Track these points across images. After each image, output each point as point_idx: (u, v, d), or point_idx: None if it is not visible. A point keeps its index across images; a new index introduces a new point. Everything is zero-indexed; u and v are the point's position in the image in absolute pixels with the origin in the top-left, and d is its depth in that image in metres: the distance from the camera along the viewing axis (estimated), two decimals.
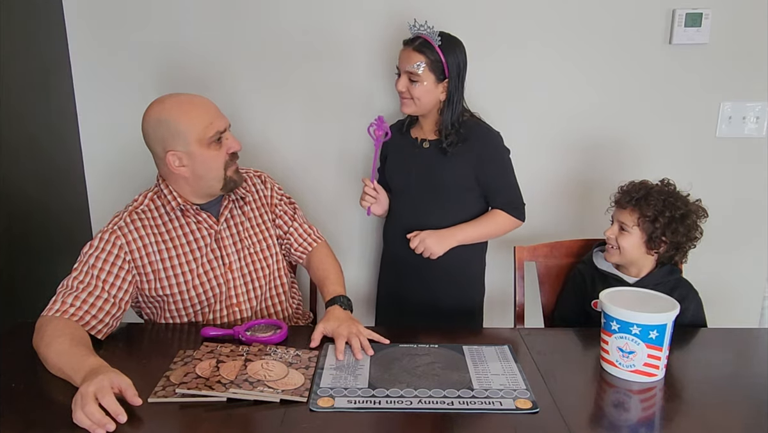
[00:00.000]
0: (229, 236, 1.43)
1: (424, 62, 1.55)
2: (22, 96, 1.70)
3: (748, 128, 1.93)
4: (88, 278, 1.28)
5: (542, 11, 1.85)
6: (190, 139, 1.31)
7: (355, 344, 1.23)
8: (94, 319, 1.25)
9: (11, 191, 1.63)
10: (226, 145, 1.36)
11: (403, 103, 1.62)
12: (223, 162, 1.36)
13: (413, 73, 1.56)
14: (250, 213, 1.49)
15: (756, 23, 1.85)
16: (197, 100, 1.36)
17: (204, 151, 1.33)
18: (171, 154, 1.32)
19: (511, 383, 1.13)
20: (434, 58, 1.55)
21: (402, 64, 1.58)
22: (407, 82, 1.58)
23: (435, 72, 1.56)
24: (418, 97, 1.58)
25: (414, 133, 1.71)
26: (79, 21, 1.87)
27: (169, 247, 1.37)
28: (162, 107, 1.33)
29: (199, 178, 1.36)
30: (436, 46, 1.54)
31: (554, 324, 1.67)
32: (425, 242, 1.58)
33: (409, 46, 1.57)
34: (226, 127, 1.37)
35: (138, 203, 1.41)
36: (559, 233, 1.96)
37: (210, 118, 1.33)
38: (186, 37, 1.88)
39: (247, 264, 1.45)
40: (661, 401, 1.11)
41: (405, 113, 1.65)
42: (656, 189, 1.45)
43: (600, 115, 1.94)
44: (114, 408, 0.97)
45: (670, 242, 1.42)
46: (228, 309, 1.43)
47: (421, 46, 1.55)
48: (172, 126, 1.30)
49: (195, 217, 1.40)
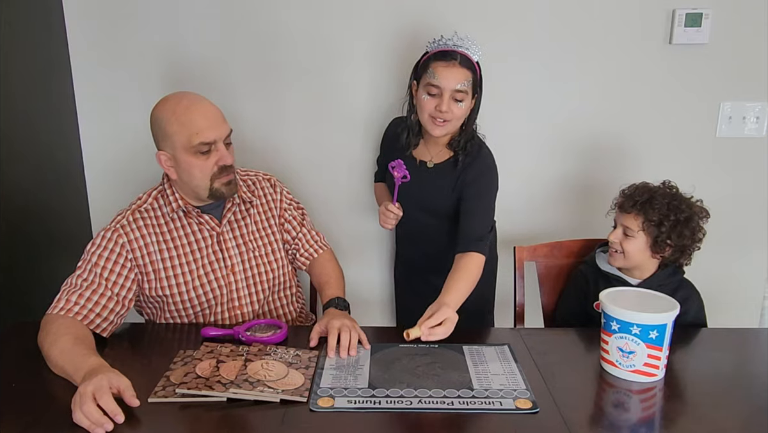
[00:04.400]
0: (232, 238, 1.43)
1: (471, 79, 1.44)
2: (22, 96, 1.70)
3: (748, 128, 1.93)
4: (91, 276, 1.28)
5: (542, 11, 1.85)
6: (175, 143, 1.30)
7: (344, 340, 1.23)
8: (99, 317, 1.25)
9: (11, 191, 1.63)
10: (215, 156, 1.32)
11: (438, 126, 1.46)
12: (209, 173, 1.32)
13: (461, 92, 1.43)
14: (256, 216, 1.48)
15: (756, 23, 1.85)
16: (197, 105, 1.31)
17: (188, 158, 1.30)
18: (161, 153, 1.33)
19: (511, 383, 1.13)
20: (474, 72, 1.46)
21: (446, 83, 1.42)
22: (452, 102, 1.43)
23: (474, 89, 1.47)
24: (459, 118, 1.46)
25: (417, 155, 1.60)
26: (79, 21, 1.87)
27: (170, 247, 1.37)
28: (162, 106, 1.33)
29: (183, 183, 1.36)
30: (475, 63, 1.45)
31: (555, 325, 1.67)
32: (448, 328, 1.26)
33: (452, 61, 1.42)
34: (219, 138, 1.31)
35: (141, 202, 1.40)
36: (559, 233, 1.96)
37: (200, 126, 1.28)
38: (187, 38, 1.88)
39: (251, 267, 1.44)
40: (661, 401, 1.11)
41: (435, 136, 1.50)
42: (660, 192, 1.43)
43: (600, 114, 1.94)
44: (111, 408, 0.97)
45: (676, 245, 1.41)
46: (229, 311, 1.42)
47: (466, 61, 1.44)
48: (163, 127, 1.30)
49: (197, 218, 1.40)
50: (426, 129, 1.51)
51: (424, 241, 1.67)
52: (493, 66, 1.87)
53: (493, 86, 1.89)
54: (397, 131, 1.63)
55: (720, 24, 1.83)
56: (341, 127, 1.96)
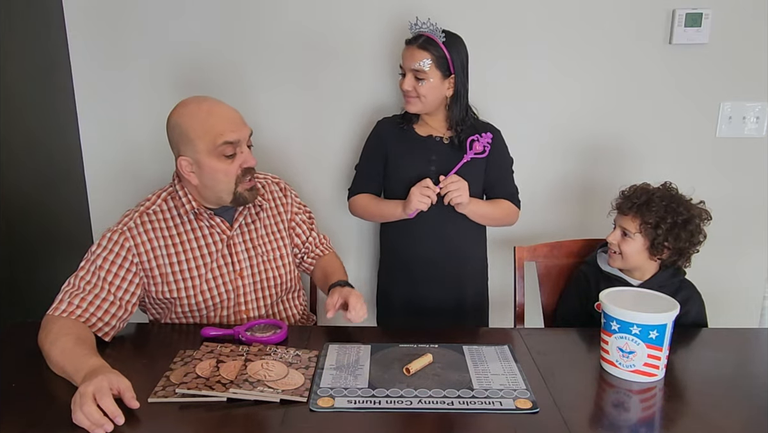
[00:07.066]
0: (242, 242, 1.41)
1: (430, 59, 1.55)
2: (22, 96, 1.70)
3: (748, 128, 1.93)
4: (94, 279, 1.27)
5: (542, 12, 1.86)
6: (199, 147, 1.28)
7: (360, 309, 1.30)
8: (100, 321, 1.24)
9: (11, 191, 1.63)
10: (239, 159, 1.31)
11: (408, 102, 1.62)
12: (234, 176, 1.31)
13: (419, 71, 1.56)
14: (265, 220, 1.47)
15: (756, 23, 1.85)
16: (217, 108, 1.30)
17: (213, 162, 1.29)
18: (182, 158, 1.30)
19: (511, 383, 1.13)
20: (439, 55, 1.56)
21: (407, 63, 1.58)
22: (413, 80, 1.58)
23: (441, 69, 1.57)
24: (425, 95, 1.58)
25: (420, 130, 1.68)
26: (79, 21, 1.87)
27: (179, 251, 1.35)
28: (182, 111, 1.30)
29: (206, 188, 1.33)
30: (440, 43, 1.55)
31: (556, 325, 1.66)
32: (463, 189, 1.54)
33: (413, 44, 1.57)
34: (242, 138, 1.31)
35: (150, 203, 1.38)
36: (559, 233, 1.96)
37: (224, 128, 1.28)
38: (186, 38, 1.88)
39: (259, 271, 1.43)
40: (661, 401, 1.11)
41: (410, 112, 1.65)
42: (658, 194, 1.42)
43: (600, 114, 1.94)
44: (112, 410, 0.97)
45: (673, 247, 1.41)
46: (236, 315, 1.42)
47: (426, 43, 1.55)
48: (185, 132, 1.28)
49: (208, 221, 1.38)
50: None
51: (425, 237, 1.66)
52: (493, 66, 1.88)
53: (493, 86, 1.90)
54: (391, 123, 1.72)
55: (720, 24, 1.83)
56: (341, 127, 1.97)
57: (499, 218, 1.70)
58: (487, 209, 1.67)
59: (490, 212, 1.67)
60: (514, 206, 1.71)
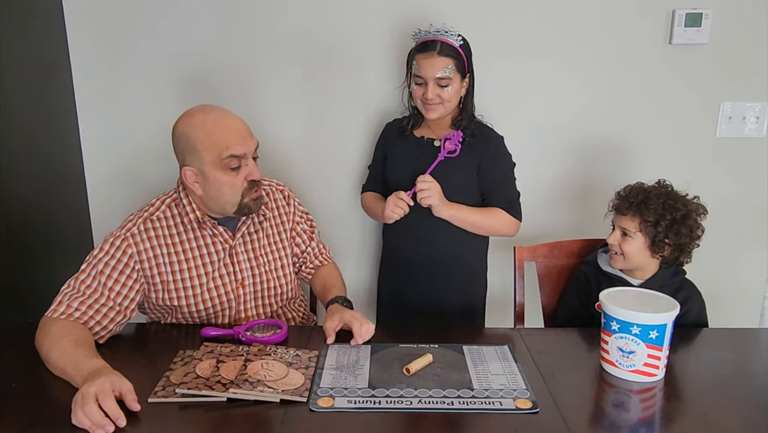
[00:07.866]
0: (244, 251, 1.41)
1: (452, 64, 1.54)
2: (22, 96, 1.70)
3: (748, 128, 1.93)
4: (95, 283, 1.26)
5: (542, 12, 1.86)
6: (205, 159, 1.27)
7: (365, 331, 1.27)
8: (98, 325, 1.24)
9: (11, 192, 1.63)
10: (244, 171, 1.30)
11: (430, 109, 1.59)
12: (239, 189, 1.31)
13: (444, 78, 1.54)
14: (268, 229, 1.46)
15: (756, 23, 1.85)
16: (226, 120, 1.29)
17: (218, 174, 1.28)
18: (187, 168, 1.30)
19: (511, 383, 1.13)
20: (458, 58, 1.56)
21: (427, 72, 1.55)
22: (437, 88, 1.56)
23: (460, 71, 1.57)
24: (449, 100, 1.58)
25: (417, 132, 1.69)
26: (79, 21, 1.87)
27: (181, 259, 1.35)
28: (188, 121, 1.29)
29: (210, 199, 1.32)
30: (457, 46, 1.55)
31: (556, 325, 1.66)
32: (432, 189, 1.54)
33: (431, 52, 1.54)
34: (249, 152, 1.30)
35: (155, 208, 1.37)
36: (559, 233, 1.96)
37: (231, 141, 1.26)
38: (186, 38, 1.88)
39: (261, 281, 1.43)
40: (661, 401, 1.11)
41: (431, 119, 1.62)
42: (654, 192, 1.43)
43: (600, 115, 1.94)
44: (114, 411, 0.97)
45: (674, 244, 1.41)
46: (236, 323, 1.41)
47: (445, 49, 1.54)
48: (191, 143, 1.27)
49: (211, 230, 1.37)
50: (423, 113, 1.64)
51: (425, 238, 1.67)
52: (493, 67, 1.88)
53: (493, 87, 1.90)
54: (396, 126, 1.72)
55: (720, 24, 1.83)
56: (341, 127, 1.97)
57: (486, 227, 1.66)
58: (472, 217, 1.62)
59: (476, 220, 1.63)
60: (510, 217, 1.65)
